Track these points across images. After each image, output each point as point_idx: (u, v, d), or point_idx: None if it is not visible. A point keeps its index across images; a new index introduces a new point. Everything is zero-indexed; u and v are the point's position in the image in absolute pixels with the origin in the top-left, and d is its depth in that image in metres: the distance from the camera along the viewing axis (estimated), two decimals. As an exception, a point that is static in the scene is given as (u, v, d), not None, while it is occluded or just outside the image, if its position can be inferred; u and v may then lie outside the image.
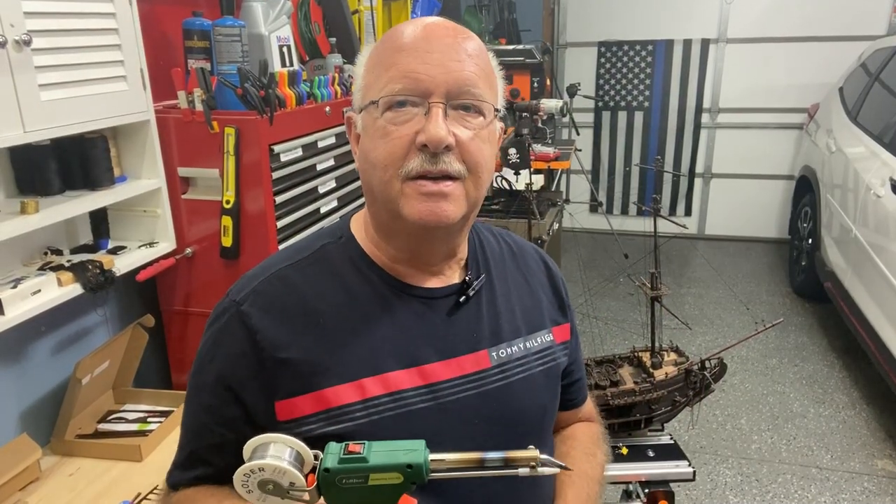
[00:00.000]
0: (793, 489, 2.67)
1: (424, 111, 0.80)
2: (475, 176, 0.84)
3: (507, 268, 1.01)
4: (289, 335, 0.85)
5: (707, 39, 5.32)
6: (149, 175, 1.79)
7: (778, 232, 5.51)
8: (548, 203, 3.61)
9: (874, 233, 3.19)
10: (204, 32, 1.85)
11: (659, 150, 5.65)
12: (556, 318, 1.04)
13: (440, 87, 0.80)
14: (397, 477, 0.62)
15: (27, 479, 1.52)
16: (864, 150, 3.58)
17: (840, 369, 3.57)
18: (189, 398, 0.92)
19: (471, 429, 0.89)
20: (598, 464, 1.06)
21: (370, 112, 0.84)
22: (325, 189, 2.16)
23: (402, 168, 0.81)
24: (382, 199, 0.85)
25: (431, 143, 0.79)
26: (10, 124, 1.34)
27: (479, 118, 0.83)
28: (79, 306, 1.79)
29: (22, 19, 1.34)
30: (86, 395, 1.72)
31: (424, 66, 0.80)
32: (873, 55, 4.13)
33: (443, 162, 0.80)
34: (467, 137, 0.82)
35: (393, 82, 0.81)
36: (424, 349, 0.88)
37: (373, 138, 0.84)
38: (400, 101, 0.81)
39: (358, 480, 0.62)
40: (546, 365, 0.98)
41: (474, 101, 0.82)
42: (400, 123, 0.81)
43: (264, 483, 0.63)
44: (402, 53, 0.82)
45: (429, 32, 0.83)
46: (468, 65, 0.82)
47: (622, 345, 3.65)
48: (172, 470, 0.93)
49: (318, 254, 0.92)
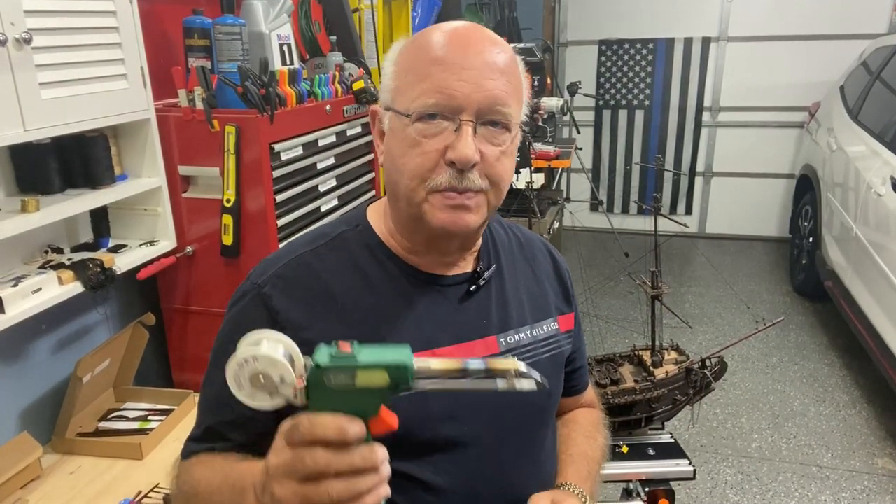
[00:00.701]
0: (793, 488, 2.67)
1: (455, 127, 0.83)
2: (497, 188, 0.88)
3: (516, 259, 1.05)
4: (309, 317, 0.88)
5: (708, 38, 5.31)
6: (149, 173, 1.79)
7: (778, 230, 5.51)
8: (548, 202, 3.61)
9: (875, 231, 3.19)
10: (204, 31, 1.85)
11: (660, 148, 5.65)
12: (561, 307, 1.08)
13: (472, 105, 0.82)
14: (383, 378, 0.63)
15: (28, 478, 1.52)
16: (864, 148, 3.58)
17: (840, 368, 3.57)
18: (209, 375, 0.93)
19: (479, 411, 0.92)
20: (598, 446, 1.11)
21: (400, 118, 0.86)
22: (325, 187, 2.16)
23: (430, 181, 0.84)
24: (406, 203, 0.88)
25: (460, 162, 0.82)
26: (10, 123, 1.34)
27: (505, 134, 0.86)
28: (79, 305, 1.79)
29: (22, 18, 1.33)
30: (86, 394, 1.72)
31: (459, 84, 0.82)
32: (874, 53, 4.13)
33: (468, 179, 0.83)
34: (493, 156, 0.85)
35: (426, 96, 0.83)
36: (437, 333, 0.92)
37: (402, 145, 0.86)
38: (432, 112, 0.83)
39: (346, 381, 0.62)
40: (551, 352, 1.02)
41: (503, 120, 0.85)
42: (430, 136, 0.83)
43: (255, 376, 0.63)
44: (437, 67, 0.83)
45: (465, 44, 0.85)
46: (500, 83, 0.84)
47: (623, 343, 3.65)
48: (187, 443, 0.95)
49: (336, 240, 0.96)
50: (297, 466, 0.61)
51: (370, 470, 0.62)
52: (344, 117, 2.22)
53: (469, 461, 0.91)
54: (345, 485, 0.61)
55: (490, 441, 0.93)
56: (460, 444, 0.91)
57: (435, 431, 0.89)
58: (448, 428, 0.90)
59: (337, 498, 0.60)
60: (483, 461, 0.92)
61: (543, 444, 1.02)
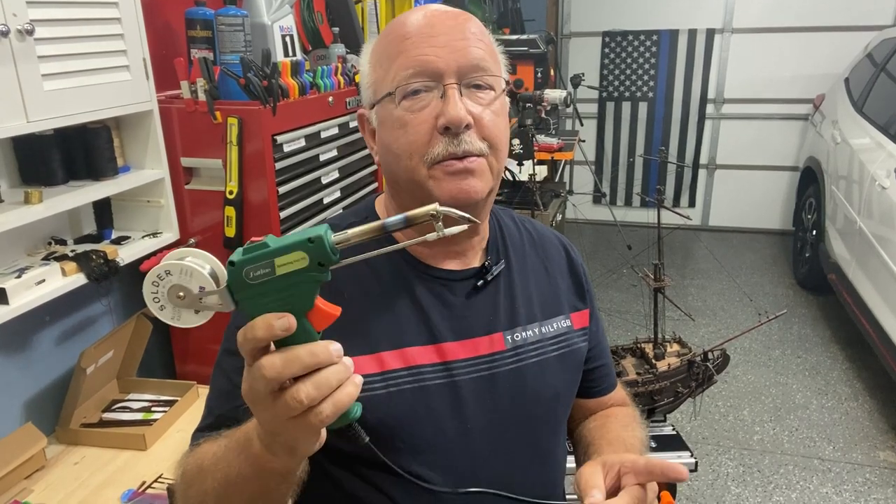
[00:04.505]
0: (794, 480, 2.68)
1: (440, 94, 0.82)
2: (495, 150, 0.86)
3: (526, 254, 1.03)
4: None
5: (712, 29, 5.29)
6: (152, 165, 1.79)
7: (782, 223, 5.50)
8: (551, 194, 3.61)
9: (879, 224, 3.18)
10: (206, 22, 1.85)
11: (663, 140, 5.63)
12: (575, 303, 1.05)
13: (451, 66, 0.82)
14: (302, 257, 0.59)
15: (32, 468, 1.53)
16: (869, 141, 3.56)
17: (843, 361, 3.57)
18: (219, 364, 0.92)
19: (483, 408, 0.90)
20: (636, 436, 1.04)
21: (385, 105, 0.85)
22: (328, 179, 2.16)
23: (427, 154, 0.83)
24: (410, 187, 0.87)
25: (453, 123, 0.81)
26: (13, 114, 1.34)
27: (490, 92, 0.86)
28: (83, 296, 1.80)
29: (24, 9, 1.33)
30: (90, 385, 1.73)
31: (433, 49, 0.82)
32: (879, 45, 4.10)
33: (465, 142, 0.82)
34: (483, 113, 0.84)
35: (403, 69, 0.82)
36: (442, 328, 0.90)
37: (392, 129, 0.85)
38: (415, 88, 0.82)
39: (265, 272, 0.59)
40: (561, 350, 0.99)
41: (486, 76, 0.85)
42: (417, 111, 0.83)
43: (173, 291, 0.60)
44: (407, 41, 0.83)
45: (430, 18, 0.85)
46: (473, 42, 0.84)
47: (625, 336, 3.66)
48: (196, 433, 0.93)
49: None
50: (255, 384, 0.60)
51: (328, 364, 0.60)
52: (346, 109, 2.22)
53: (471, 460, 0.89)
54: (310, 385, 0.59)
55: (494, 440, 0.91)
56: (462, 442, 0.89)
57: (436, 428, 0.87)
58: (450, 425, 0.88)
59: (308, 400, 0.58)
60: (486, 460, 0.90)
61: (551, 448, 0.99)
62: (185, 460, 0.87)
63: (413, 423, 0.86)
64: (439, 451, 0.88)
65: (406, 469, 0.85)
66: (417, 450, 0.87)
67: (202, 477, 0.79)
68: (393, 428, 0.85)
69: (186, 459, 0.87)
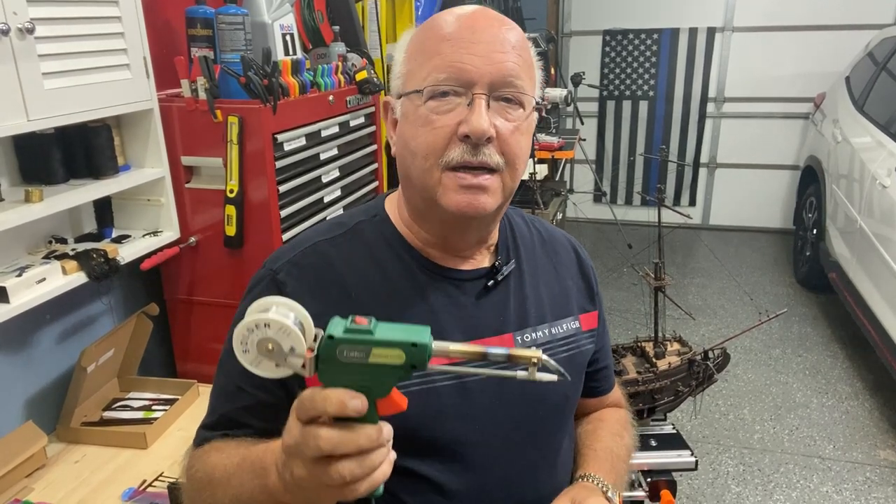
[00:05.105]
0: (795, 479, 2.68)
1: (468, 101, 0.82)
2: (512, 168, 0.85)
3: (537, 254, 1.02)
4: (322, 305, 0.86)
5: (713, 28, 5.28)
6: (152, 164, 1.79)
7: (782, 222, 5.50)
8: (551, 193, 3.61)
9: (879, 223, 3.18)
10: (207, 20, 1.85)
11: (664, 139, 5.63)
12: (584, 305, 1.05)
13: (484, 77, 0.81)
14: (399, 356, 0.60)
15: (33, 466, 1.53)
16: (870, 139, 3.56)
17: (843, 360, 3.57)
18: (223, 363, 0.92)
19: (492, 409, 0.90)
20: (624, 445, 1.07)
21: (412, 100, 0.85)
22: (328, 178, 2.16)
23: (443, 158, 0.82)
24: (420, 187, 0.86)
25: (474, 134, 0.80)
26: (13, 113, 1.34)
27: (519, 110, 0.85)
28: (83, 295, 1.80)
29: (25, 7, 1.33)
30: (91, 383, 1.73)
31: (469, 57, 0.81)
32: (880, 44, 4.10)
33: (483, 154, 0.82)
34: (508, 130, 0.83)
35: (437, 71, 0.82)
36: (451, 329, 0.90)
37: (414, 126, 0.85)
38: (443, 90, 0.82)
39: (359, 355, 0.60)
40: (570, 351, 0.99)
41: (516, 94, 0.84)
42: (442, 113, 0.82)
43: (264, 343, 0.61)
44: (446, 43, 0.83)
45: (473, 22, 0.84)
46: (511, 56, 0.83)
47: (625, 335, 3.66)
48: (199, 431, 0.93)
49: (353, 230, 0.94)
50: (304, 449, 0.61)
51: (377, 448, 0.62)
52: (347, 108, 2.22)
53: (480, 461, 0.89)
54: (356, 464, 0.61)
55: (502, 441, 0.91)
56: (471, 444, 0.89)
57: (445, 429, 0.87)
58: (459, 426, 0.88)
59: (350, 478, 0.60)
60: (494, 462, 0.90)
61: (559, 449, 0.99)
62: (193, 466, 0.87)
63: (422, 424, 0.86)
64: (448, 452, 0.88)
65: (415, 470, 0.85)
66: (426, 451, 0.87)
67: (212, 488, 0.81)
68: (402, 429, 0.85)
69: (194, 463, 0.87)
